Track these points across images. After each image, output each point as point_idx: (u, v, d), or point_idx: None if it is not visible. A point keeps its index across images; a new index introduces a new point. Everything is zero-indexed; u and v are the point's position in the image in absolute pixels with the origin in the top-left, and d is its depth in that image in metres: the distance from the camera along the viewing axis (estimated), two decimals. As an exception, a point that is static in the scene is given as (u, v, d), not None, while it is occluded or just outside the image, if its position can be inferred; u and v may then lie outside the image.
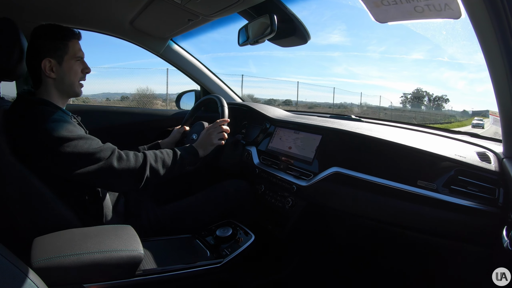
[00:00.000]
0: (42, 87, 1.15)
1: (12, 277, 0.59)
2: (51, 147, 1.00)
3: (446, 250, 1.03)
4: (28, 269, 0.64)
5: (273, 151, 1.53)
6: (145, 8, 1.53)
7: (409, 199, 0.99)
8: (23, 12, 1.53)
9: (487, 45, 0.77)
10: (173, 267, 1.06)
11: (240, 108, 1.92)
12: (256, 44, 1.48)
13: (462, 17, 0.75)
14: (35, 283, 0.63)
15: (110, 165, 1.06)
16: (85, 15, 1.69)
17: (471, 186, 0.92)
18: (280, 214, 1.40)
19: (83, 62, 1.20)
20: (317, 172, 1.25)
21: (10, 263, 0.60)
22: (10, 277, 0.58)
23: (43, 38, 1.12)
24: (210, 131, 1.38)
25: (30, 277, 0.63)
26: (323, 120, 1.46)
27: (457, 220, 0.92)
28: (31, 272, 0.65)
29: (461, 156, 0.97)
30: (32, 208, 1.02)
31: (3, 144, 0.99)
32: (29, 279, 0.62)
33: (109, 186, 1.14)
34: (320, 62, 9.05)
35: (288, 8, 1.41)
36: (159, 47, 1.99)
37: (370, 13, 0.89)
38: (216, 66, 10.11)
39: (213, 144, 1.36)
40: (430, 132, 1.31)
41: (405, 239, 1.10)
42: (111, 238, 0.95)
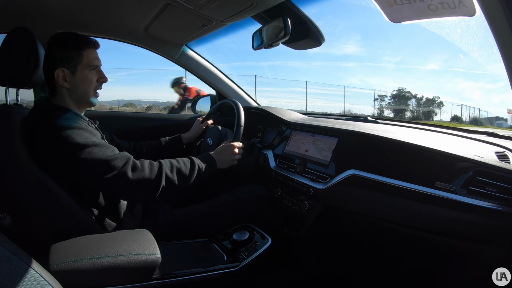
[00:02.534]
0: (57, 95, 1.16)
1: (30, 281, 0.59)
2: (65, 153, 1.01)
3: (464, 252, 1.00)
4: (46, 272, 0.66)
5: (289, 155, 1.52)
6: (158, 15, 1.55)
7: (427, 201, 0.97)
8: (40, 21, 1.57)
9: (503, 41, 0.74)
10: (190, 271, 1.07)
11: (256, 112, 1.92)
12: (270, 48, 1.48)
13: (476, 14, 0.74)
14: (53, 287, 0.64)
15: (124, 175, 1.04)
16: (100, 23, 1.73)
17: (490, 186, 0.89)
18: (297, 217, 1.39)
19: (99, 71, 1.20)
20: (333, 175, 1.24)
21: (29, 266, 0.61)
22: (28, 280, 0.59)
23: (57, 47, 1.13)
24: (234, 151, 1.37)
25: (48, 280, 0.64)
26: (339, 123, 1.45)
27: (476, 221, 0.89)
28: (49, 275, 0.66)
29: (479, 156, 0.94)
30: (50, 212, 1.03)
31: (21, 149, 1.01)
32: (47, 282, 0.63)
33: (123, 195, 1.12)
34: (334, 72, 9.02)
35: (301, 11, 1.41)
36: (174, 53, 2.02)
37: (384, 13, 0.88)
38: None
39: (232, 164, 1.37)
40: (447, 132, 1.28)
41: (423, 241, 1.08)
42: (128, 242, 0.96)
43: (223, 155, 1.34)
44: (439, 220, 0.97)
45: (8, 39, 1.13)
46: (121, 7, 1.56)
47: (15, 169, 0.99)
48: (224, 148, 1.36)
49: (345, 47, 37.69)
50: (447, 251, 1.06)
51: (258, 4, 1.30)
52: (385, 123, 1.50)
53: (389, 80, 33.52)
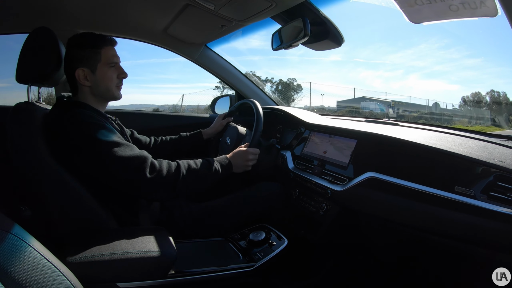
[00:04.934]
0: (79, 93, 1.19)
1: (48, 274, 0.60)
2: (84, 151, 1.04)
3: (483, 258, 0.98)
4: (64, 266, 0.66)
5: (307, 156, 1.51)
6: (178, 15, 1.57)
7: (445, 205, 0.95)
8: (61, 21, 1.61)
9: None
10: (205, 269, 1.07)
11: (274, 112, 1.92)
12: (289, 48, 1.48)
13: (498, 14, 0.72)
14: (70, 281, 0.65)
15: (142, 174, 1.06)
16: (120, 23, 1.76)
17: (511, 192, 0.86)
18: (314, 219, 1.38)
19: (118, 68, 1.22)
20: (352, 177, 1.22)
21: (47, 260, 0.61)
22: (46, 274, 0.60)
23: (76, 48, 1.16)
24: (249, 157, 1.37)
25: (65, 274, 0.65)
26: (358, 125, 1.43)
27: (495, 228, 0.86)
28: (65, 268, 0.67)
29: (500, 161, 0.91)
30: (69, 206, 1.05)
31: (42, 145, 1.03)
32: (64, 276, 0.64)
33: (140, 194, 1.13)
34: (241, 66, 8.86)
35: (320, 11, 1.40)
36: (194, 53, 2.03)
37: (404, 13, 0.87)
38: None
39: (247, 169, 1.37)
40: (468, 136, 1.25)
41: (440, 246, 1.06)
42: (145, 239, 0.98)
43: (238, 160, 1.34)
44: (457, 225, 0.94)
45: (30, 39, 1.17)
46: (141, 8, 1.58)
47: (36, 164, 1.02)
48: (239, 154, 1.36)
49: (250, 42, 37.88)
50: (465, 257, 1.03)
51: (278, 4, 1.30)
52: (405, 125, 1.48)
53: (294, 71, 34.87)
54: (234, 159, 1.33)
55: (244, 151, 1.38)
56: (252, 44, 31.11)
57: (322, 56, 34.35)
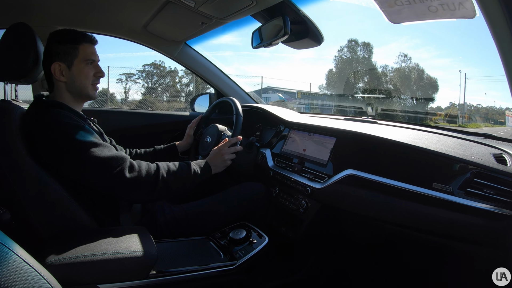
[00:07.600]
0: (55, 90, 1.17)
1: (27, 277, 0.59)
2: (62, 151, 1.02)
3: (461, 253, 1.01)
4: (44, 269, 0.65)
5: (287, 154, 1.52)
6: (158, 12, 1.55)
7: (424, 201, 0.98)
8: (39, 17, 1.58)
9: (503, 43, 0.74)
10: (187, 268, 1.07)
11: (254, 110, 1.92)
12: (269, 47, 1.48)
13: (476, 15, 0.74)
14: (50, 283, 0.64)
15: (120, 175, 1.04)
16: (100, 19, 1.74)
17: (487, 188, 0.89)
18: (294, 216, 1.39)
19: (96, 66, 1.21)
20: (331, 175, 1.24)
21: (26, 263, 0.60)
22: (25, 277, 0.58)
23: (55, 42, 1.14)
24: (223, 151, 1.36)
25: (45, 277, 0.63)
26: (337, 123, 1.45)
27: (473, 223, 0.90)
28: (46, 272, 0.65)
29: (477, 158, 0.94)
30: (48, 208, 1.03)
31: (20, 145, 1.00)
32: (44, 279, 0.63)
33: (119, 195, 1.11)
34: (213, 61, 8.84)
35: (301, 10, 1.41)
36: (174, 51, 2.01)
37: (384, 13, 0.89)
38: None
39: (226, 165, 1.36)
40: (446, 134, 1.29)
41: (420, 242, 1.09)
42: (125, 239, 0.97)
43: (215, 160, 1.33)
44: (436, 221, 0.97)
45: (7, 34, 1.13)
46: (121, 4, 1.56)
47: (14, 164, 0.99)
48: (214, 154, 1.35)
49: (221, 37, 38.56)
50: (445, 252, 1.06)
51: (258, 2, 1.30)
52: (384, 123, 1.51)
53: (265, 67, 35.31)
54: (211, 160, 1.32)
55: (218, 149, 1.37)
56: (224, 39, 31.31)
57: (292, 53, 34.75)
